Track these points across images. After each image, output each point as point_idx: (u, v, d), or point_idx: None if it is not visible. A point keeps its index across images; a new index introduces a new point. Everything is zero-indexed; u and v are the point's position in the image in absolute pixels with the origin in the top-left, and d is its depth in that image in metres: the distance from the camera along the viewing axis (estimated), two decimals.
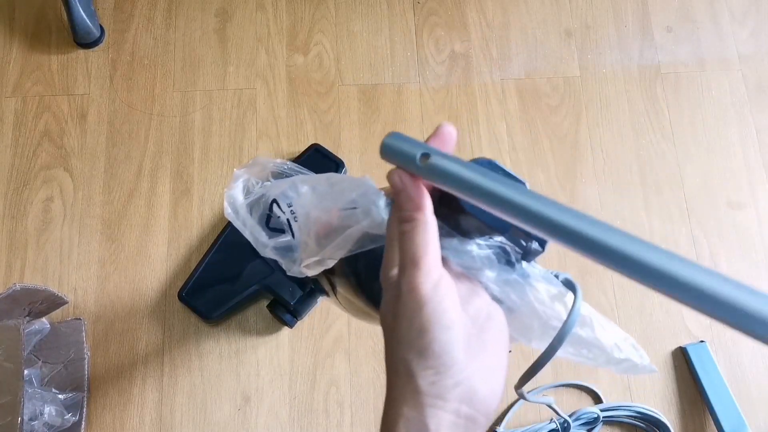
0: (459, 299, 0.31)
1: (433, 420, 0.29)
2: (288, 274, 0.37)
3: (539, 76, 0.93)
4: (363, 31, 0.94)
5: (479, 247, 0.32)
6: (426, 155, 0.29)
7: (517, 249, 0.32)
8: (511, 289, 0.33)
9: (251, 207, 0.37)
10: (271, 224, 0.37)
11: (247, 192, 0.38)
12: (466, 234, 0.32)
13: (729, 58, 0.95)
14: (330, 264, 0.35)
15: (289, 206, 0.35)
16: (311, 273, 0.36)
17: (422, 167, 0.29)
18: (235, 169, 0.39)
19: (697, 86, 0.94)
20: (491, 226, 0.30)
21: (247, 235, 0.37)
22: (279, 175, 0.39)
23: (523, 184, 0.30)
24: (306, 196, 0.35)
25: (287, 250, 0.36)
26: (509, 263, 0.33)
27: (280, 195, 0.36)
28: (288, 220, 0.36)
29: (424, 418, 0.29)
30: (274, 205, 0.36)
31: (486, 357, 0.30)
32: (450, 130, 0.32)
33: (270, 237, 0.36)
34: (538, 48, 0.95)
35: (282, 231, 0.36)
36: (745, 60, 0.95)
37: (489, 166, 0.31)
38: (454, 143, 0.32)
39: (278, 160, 0.39)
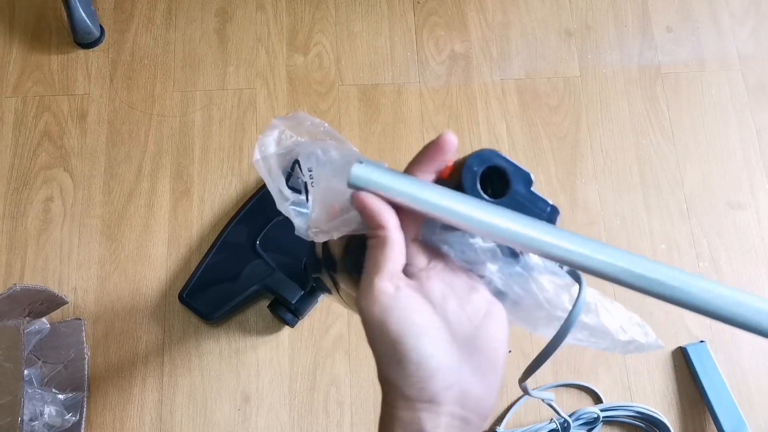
0: (455, 297, 0.31)
1: (429, 423, 0.29)
2: (295, 233, 0.37)
3: (539, 76, 0.93)
4: (363, 31, 0.94)
5: (483, 240, 0.32)
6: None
7: None
8: (515, 282, 0.32)
9: (278, 159, 0.37)
10: (290, 183, 0.37)
11: (279, 144, 0.38)
12: None
13: (729, 58, 0.95)
14: (336, 236, 0.35)
15: (309, 170, 0.35)
16: (318, 240, 0.36)
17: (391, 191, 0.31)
18: (273, 118, 0.39)
19: (697, 86, 0.94)
20: None
21: (270, 185, 0.37)
22: (313, 135, 0.38)
23: (528, 174, 0.30)
24: (327, 165, 0.35)
25: (302, 210, 0.36)
26: (513, 255, 0.32)
27: (305, 156, 0.36)
28: (306, 183, 0.36)
29: (419, 421, 0.29)
30: (296, 165, 0.36)
31: (481, 357, 0.30)
32: (447, 139, 0.31)
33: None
34: (538, 48, 0.95)
35: (299, 192, 0.36)
36: (745, 60, 0.95)
37: (491, 155, 0.31)
38: (452, 152, 0.32)
39: (317, 120, 0.38)
